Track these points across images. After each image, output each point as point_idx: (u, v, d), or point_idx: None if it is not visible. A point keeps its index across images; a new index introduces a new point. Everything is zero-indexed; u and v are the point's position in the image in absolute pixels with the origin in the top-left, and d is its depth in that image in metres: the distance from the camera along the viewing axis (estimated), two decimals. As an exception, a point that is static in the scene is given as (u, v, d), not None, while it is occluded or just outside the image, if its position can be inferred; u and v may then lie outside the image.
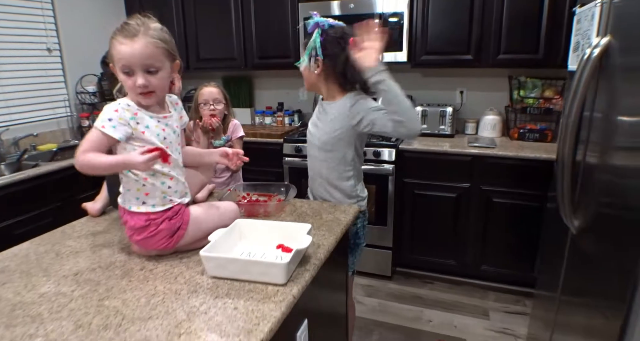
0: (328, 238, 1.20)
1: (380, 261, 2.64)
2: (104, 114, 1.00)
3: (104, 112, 1.01)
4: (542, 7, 2.31)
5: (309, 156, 1.59)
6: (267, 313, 0.85)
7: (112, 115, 1.00)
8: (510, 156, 2.29)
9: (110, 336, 0.78)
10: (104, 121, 0.99)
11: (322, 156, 1.52)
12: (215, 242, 1.03)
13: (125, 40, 0.97)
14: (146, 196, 1.05)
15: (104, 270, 1.04)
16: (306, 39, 1.46)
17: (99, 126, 0.99)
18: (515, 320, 2.21)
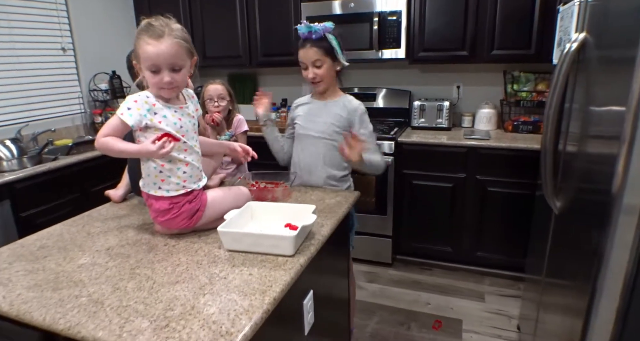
0: (331, 218, 1.33)
1: (381, 249, 2.76)
2: (125, 103, 1.12)
3: (125, 101, 1.12)
4: (533, 4, 2.42)
5: (304, 150, 1.73)
6: (278, 277, 0.98)
7: (132, 104, 1.12)
8: (503, 146, 2.40)
9: (145, 296, 0.91)
10: (123, 109, 1.11)
11: (324, 146, 1.66)
12: (230, 220, 1.16)
13: (151, 40, 1.08)
14: (162, 182, 1.17)
15: (132, 246, 1.18)
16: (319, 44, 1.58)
17: (119, 113, 1.11)
18: (509, 302, 2.34)
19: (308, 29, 1.57)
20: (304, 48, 1.60)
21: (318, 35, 1.57)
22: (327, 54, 1.59)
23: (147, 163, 1.18)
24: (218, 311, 0.85)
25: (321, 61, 1.59)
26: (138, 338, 0.78)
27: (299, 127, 1.74)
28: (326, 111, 1.69)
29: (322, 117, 1.69)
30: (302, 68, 1.65)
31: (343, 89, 1.80)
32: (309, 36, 1.58)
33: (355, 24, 2.71)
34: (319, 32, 1.57)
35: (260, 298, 0.89)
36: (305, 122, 1.73)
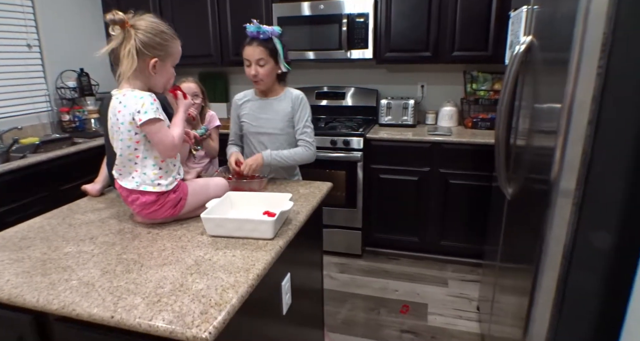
0: (306, 206, 1.42)
1: (351, 241, 2.88)
2: (152, 105, 1.16)
3: (150, 103, 1.16)
4: (490, 10, 2.60)
5: (256, 146, 1.84)
6: (260, 257, 1.06)
7: (156, 104, 1.18)
8: (463, 142, 2.57)
9: (134, 277, 0.97)
10: (156, 110, 1.16)
11: (277, 141, 1.80)
12: (212, 208, 1.23)
13: (179, 42, 1.24)
14: (160, 179, 1.23)
15: (115, 235, 1.22)
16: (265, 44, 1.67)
17: (157, 115, 1.16)
18: (470, 286, 2.51)
19: (257, 29, 1.66)
20: (251, 45, 1.67)
21: (265, 36, 1.66)
22: (272, 55, 1.69)
23: (145, 161, 1.22)
24: (206, 287, 0.92)
25: (265, 61, 1.68)
26: (132, 312, 0.84)
27: (249, 126, 1.83)
28: (272, 109, 1.80)
29: (269, 114, 1.80)
30: (246, 65, 1.72)
31: (311, 88, 1.91)
32: (257, 35, 1.66)
33: (325, 25, 2.82)
34: (266, 33, 1.66)
35: (245, 275, 0.97)
36: (253, 119, 1.82)
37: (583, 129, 1.04)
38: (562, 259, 1.15)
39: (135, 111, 1.15)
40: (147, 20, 1.19)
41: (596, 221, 1.08)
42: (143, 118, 1.14)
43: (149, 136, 1.18)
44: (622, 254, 1.09)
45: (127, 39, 1.15)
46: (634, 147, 1.02)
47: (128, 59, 1.14)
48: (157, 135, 1.17)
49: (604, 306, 1.15)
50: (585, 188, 1.07)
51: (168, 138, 1.19)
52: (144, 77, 1.21)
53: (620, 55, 0.98)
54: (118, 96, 1.20)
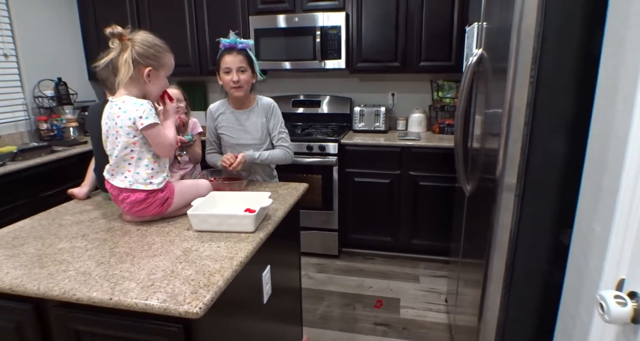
0: (284, 204, 1.55)
1: (328, 242, 3.01)
2: (149, 111, 1.28)
3: (149, 109, 1.27)
4: (452, 24, 2.81)
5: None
6: (242, 247, 1.17)
7: (154, 110, 1.30)
8: (431, 146, 2.76)
9: (128, 267, 1.07)
10: (155, 115, 1.29)
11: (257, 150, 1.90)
12: (197, 206, 1.34)
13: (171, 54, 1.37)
14: (152, 178, 1.33)
15: (106, 232, 1.31)
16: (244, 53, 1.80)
17: (157, 119, 1.29)
18: (440, 282, 2.67)
19: (234, 40, 1.79)
20: (231, 54, 1.77)
21: (243, 46, 1.79)
22: (249, 64, 1.82)
23: (139, 162, 1.32)
24: (195, 272, 1.03)
25: (245, 68, 1.80)
26: (129, 294, 0.94)
27: (229, 138, 1.94)
28: (249, 122, 1.91)
29: (247, 127, 1.91)
30: (224, 72, 1.79)
31: (288, 96, 2.03)
32: (234, 46, 1.79)
33: (300, 37, 2.97)
34: (243, 44, 1.79)
35: (229, 262, 1.09)
36: (232, 132, 1.92)
37: (520, 130, 1.21)
38: (508, 244, 1.31)
39: (137, 117, 1.26)
40: (143, 35, 1.30)
41: (536, 209, 1.25)
42: (145, 123, 1.26)
43: (150, 138, 1.30)
44: (559, 240, 1.25)
45: (125, 50, 1.27)
46: (564, 143, 1.19)
47: (125, 67, 1.26)
48: (157, 137, 1.30)
49: (546, 287, 1.31)
50: (525, 180, 1.24)
51: (167, 139, 1.32)
52: (139, 85, 1.32)
53: (548, 66, 1.16)
54: (117, 102, 1.30)
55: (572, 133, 1.18)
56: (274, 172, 2.07)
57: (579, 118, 1.15)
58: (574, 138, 1.18)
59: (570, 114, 1.17)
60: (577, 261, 1.12)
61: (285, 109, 3.43)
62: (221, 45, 1.81)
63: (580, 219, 1.10)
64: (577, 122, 1.16)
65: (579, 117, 1.16)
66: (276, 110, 1.94)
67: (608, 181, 0.93)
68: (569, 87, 1.16)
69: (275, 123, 1.93)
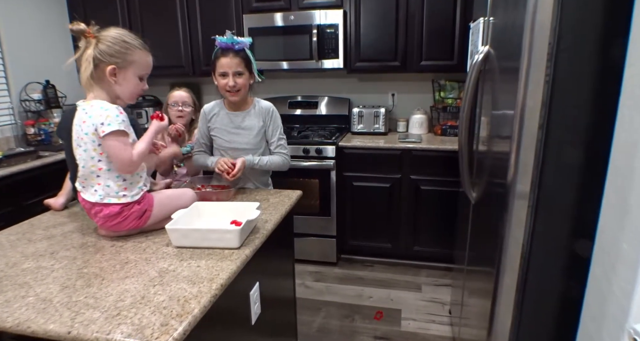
0: (274, 215, 1.43)
1: (326, 249, 2.89)
2: (117, 117, 1.15)
3: (115, 115, 1.15)
4: (454, 21, 2.69)
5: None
6: (225, 267, 1.06)
7: (123, 117, 1.18)
8: (432, 148, 2.64)
9: (94, 291, 0.96)
10: (120, 122, 1.15)
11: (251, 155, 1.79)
12: (178, 219, 1.22)
13: (148, 53, 1.24)
14: (125, 190, 1.21)
15: (77, 249, 1.20)
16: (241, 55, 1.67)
17: (122, 127, 1.15)
18: (443, 291, 2.55)
19: (231, 40, 1.64)
20: (227, 57, 1.64)
21: (240, 47, 1.66)
22: (247, 66, 1.69)
23: (108, 174, 1.19)
24: (168, 298, 0.91)
25: (242, 71, 1.67)
26: (90, 327, 0.82)
27: (221, 141, 1.81)
28: (244, 125, 1.78)
29: (242, 130, 1.78)
30: (220, 75, 1.68)
31: (284, 97, 1.92)
32: (231, 46, 1.65)
33: (296, 36, 2.85)
34: (241, 44, 1.65)
35: (208, 285, 0.97)
36: (225, 135, 1.79)
37: (534, 133, 1.09)
38: (520, 259, 1.19)
39: (99, 123, 1.14)
40: (112, 31, 1.19)
41: (550, 221, 1.13)
42: (106, 130, 1.14)
43: (108, 149, 1.17)
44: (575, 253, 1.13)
45: (88, 47, 1.15)
46: (583, 149, 1.07)
47: (84, 65, 1.15)
48: (114, 149, 1.16)
49: (562, 303, 1.19)
50: (538, 190, 1.12)
51: (126, 154, 1.17)
52: (106, 86, 1.20)
53: (564, 64, 1.04)
54: (85, 106, 1.19)
55: (590, 138, 1.06)
56: (269, 180, 1.95)
57: (599, 122, 1.04)
58: (593, 144, 1.06)
59: (589, 117, 1.05)
60: (598, 282, 1.00)
61: (282, 111, 3.29)
62: (217, 43, 1.68)
63: (603, 236, 0.98)
64: (597, 126, 1.04)
65: (599, 121, 1.04)
66: (275, 115, 1.82)
67: (637, 196, 0.81)
68: (587, 88, 1.04)
69: (274, 129, 1.81)
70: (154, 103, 3.49)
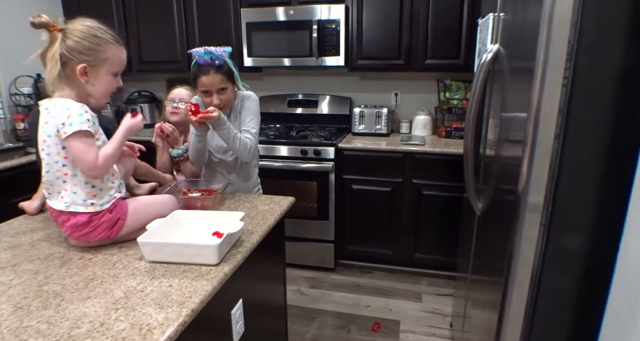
0: (262, 225, 1.31)
1: (324, 254, 2.78)
2: (80, 116, 1.04)
3: (77, 114, 1.04)
4: (461, 18, 2.56)
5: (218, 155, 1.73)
6: (199, 288, 0.95)
7: (87, 115, 1.06)
8: (436, 151, 2.51)
9: (50, 314, 0.85)
10: (84, 122, 1.04)
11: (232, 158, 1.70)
12: (153, 230, 1.11)
13: (122, 48, 1.13)
14: (94, 198, 1.10)
15: (42, 261, 1.09)
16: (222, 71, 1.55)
17: (85, 127, 1.04)
18: (445, 301, 2.43)
19: (209, 55, 1.51)
20: (208, 75, 1.52)
21: (220, 61, 1.52)
22: (230, 79, 1.57)
23: (75, 179, 1.09)
24: (130, 326, 0.81)
25: (225, 86, 1.56)
26: (36, 360, 0.72)
27: (209, 140, 1.69)
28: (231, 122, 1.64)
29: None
30: (202, 92, 1.57)
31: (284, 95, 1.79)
32: (210, 63, 1.51)
33: (296, 31, 2.73)
34: (221, 57, 1.52)
35: (178, 310, 0.86)
36: (211, 133, 1.67)
37: (550, 143, 0.97)
38: (531, 277, 1.08)
39: (60, 123, 1.03)
40: (80, 24, 1.07)
41: (565, 242, 1.01)
42: (68, 131, 1.03)
43: (70, 151, 1.06)
44: (591, 274, 1.02)
45: (53, 43, 1.04)
46: (603, 163, 0.96)
47: (51, 64, 1.04)
48: (77, 151, 1.05)
49: (575, 332, 1.07)
50: (553, 206, 1.00)
51: (89, 156, 1.05)
52: (74, 86, 1.09)
53: (585, 65, 0.91)
54: (47, 106, 1.08)
55: (614, 150, 0.94)
56: (257, 181, 1.84)
57: (624, 132, 0.92)
58: (616, 156, 0.94)
59: (613, 126, 0.93)
60: (616, 312, 0.89)
61: (281, 109, 3.20)
62: (194, 57, 1.55)
63: (626, 260, 0.87)
64: (621, 136, 0.92)
65: (623, 131, 0.92)
66: (250, 101, 1.66)
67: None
68: (611, 92, 0.92)
69: (245, 116, 1.65)
70: (150, 99, 3.39)
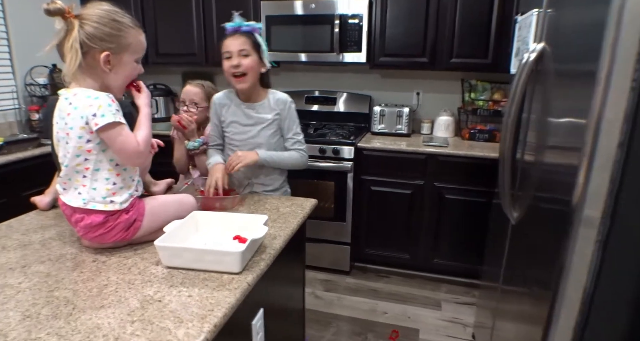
0: (284, 229, 1.24)
1: (339, 257, 2.70)
2: (109, 107, 0.98)
3: (106, 104, 0.98)
4: (491, 16, 2.45)
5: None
6: (221, 299, 0.87)
7: (115, 105, 1.01)
8: (461, 154, 2.41)
9: (60, 325, 0.78)
10: (115, 113, 0.99)
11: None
12: (170, 232, 1.04)
13: (141, 32, 1.07)
14: (114, 195, 1.04)
15: (53, 263, 1.03)
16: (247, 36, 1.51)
17: (117, 118, 0.99)
18: (465, 310, 2.34)
19: (238, 24, 1.51)
20: (232, 37, 1.50)
21: (247, 29, 1.52)
22: (254, 48, 1.52)
23: (96, 174, 1.02)
24: (147, 342, 0.73)
25: (248, 52, 1.50)
26: (44, 380, 0.65)
27: (233, 136, 1.64)
28: (257, 118, 1.60)
29: (254, 124, 1.60)
30: (225, 58, 1.52)
31: (300, 92, 1.72)
32: (237, 29, 1.51)
33: (316, 26, 2.64)
34: (249, 27, 1.52)
35: (199, 325, 0.78)
36: (236, 128, 1.62)
37: (612, 152, 0.88)
38: (582, 296, 0.98)
39: (90, 114, 0.97)
40: (96, 9, 1.00)
41: (624, 263, 0.92)
42: (100, 122, 0.96)
43: (109, 142, 1.00)
44: (651, 300, 0.92)
45: (70, 31, 0.97)
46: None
47: (71, 54, 0.96)
48: (117, 141, 1.00)
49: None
50: (611, 222, 0.90)
51: (131, 144, 1.01)
52: (97, 76, 1.03)
53: (661, 67, 0.82)
54: (67, 96, 1.02)
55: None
56: (285, 182, 1.74)
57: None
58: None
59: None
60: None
61: (298, 106, 3.04)
62: (226, 31, 1.54)
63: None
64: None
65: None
66: (292, 107, 1.64)
67: None
68: (688, 97, 0.82)
69: (291, 124, 1.63)
70: (166, 92, 3.33)
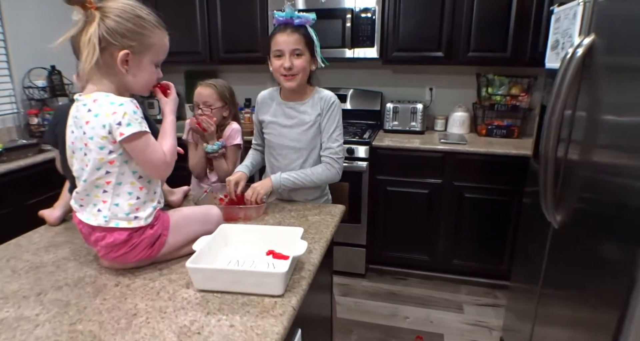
0: (319, 241, 1.15)
1: (354, 259, 2.61)
2: (134, 114, 0.89)
3: (131, 112, 0.89)
4: (510, 8, 2.35)
5: (279, 161, 1.52)
6: (267, 329, 0.78)
7: (139, 113, 0.92)
8: (481, 152, 2.32)
9: (90, 367, 0.69)
10: (140, 121, 0.90)
11: (301, 156, 1.48)
12: (200, 252, 0.94)
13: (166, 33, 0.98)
14: (137, 211, 0.94)
15: (72, 288, 0.93)
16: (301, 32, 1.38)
17: (144, 127, 0.90)
18: (488, 312, 2.26)
19: (290, 14, 1.37)
20: (284, 33, 1.36)
21: (300, 22, 1.37)
22: (308, 46, 1.40)
23: (118, 189, 0.92)
24: (193, 387, 0.64)
25: (301, 51, 1.38)
26: None
27: (270, 136, 1.52)
28: (298, 118, 1.47)
29: (294, 123, 1.47)
30: (275, 56, 1.39)
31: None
32: (289, 21, 1.37)
33: (327, 20, 2.54)
34: (302, 19, 1.37)
35: (248, 362, 0.69)
36: (275, 128, 1.50)
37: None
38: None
39: (114, 123, 0.87)
40: (120, 2, 0.90)
41: None
42: (126, 132, 0.87)
43: (133, 154, 0.91)
44: None
45: (90, 23, 0.87)
46: None
47: (88, 49, 0.86)
48: (144, 152, 0.91)
49: None
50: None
51: (158, 155, 0.92)
52: (113, 77, 0.92)
53: None
54: (86, 101, 0.91)
55: None
56: (326, 189, 1.61)
57: None
58: None
59: None
60: None
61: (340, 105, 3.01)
62: (274, 21, 1.40)
63: None
64: None
65: None
66: (334, 106, 1.48)
67: None
68: None
69: (328, 124, 1.46)
70: (168, 93, 3.21)
